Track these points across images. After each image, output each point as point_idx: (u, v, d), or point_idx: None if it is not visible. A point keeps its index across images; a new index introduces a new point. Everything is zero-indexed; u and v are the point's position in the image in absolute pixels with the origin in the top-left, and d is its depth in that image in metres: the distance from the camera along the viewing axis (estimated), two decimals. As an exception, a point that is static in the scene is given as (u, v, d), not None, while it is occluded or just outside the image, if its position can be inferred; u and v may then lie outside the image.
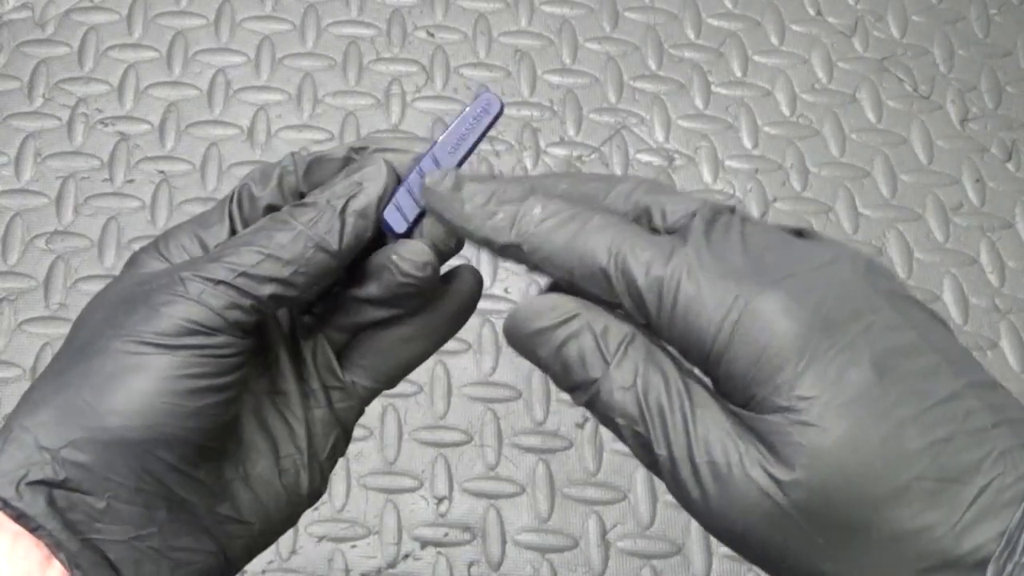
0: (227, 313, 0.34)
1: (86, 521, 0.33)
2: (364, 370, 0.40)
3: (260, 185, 0.38)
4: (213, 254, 0.36)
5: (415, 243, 0.37)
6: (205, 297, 0.34)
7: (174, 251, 0.37)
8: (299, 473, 0.39)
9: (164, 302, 0.34)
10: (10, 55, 0.80)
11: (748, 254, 0.32)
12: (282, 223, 0.36)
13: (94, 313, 0.36)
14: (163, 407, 0.33)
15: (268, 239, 0.35)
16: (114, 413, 0.33)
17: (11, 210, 0.75)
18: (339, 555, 0.66)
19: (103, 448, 0.33)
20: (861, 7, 0.86)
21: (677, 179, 0.78)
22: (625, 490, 0.68)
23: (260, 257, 0.35)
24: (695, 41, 0.84)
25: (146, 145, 0.78)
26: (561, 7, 0.85)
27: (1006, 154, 0.81)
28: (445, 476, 0.68)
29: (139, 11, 0.83)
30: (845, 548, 0.29)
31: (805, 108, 0.82)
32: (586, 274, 0.33)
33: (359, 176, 0.37)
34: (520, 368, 0.71)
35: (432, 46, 0.82)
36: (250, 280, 0.35)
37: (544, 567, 0.66)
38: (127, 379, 0.33)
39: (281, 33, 0.82)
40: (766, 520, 0.30)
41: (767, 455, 0.30)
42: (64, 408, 0.33)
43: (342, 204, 0.36)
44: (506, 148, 0.79)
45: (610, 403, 0.32)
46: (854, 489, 0.29)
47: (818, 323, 0.30)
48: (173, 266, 0.36)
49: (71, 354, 0.35)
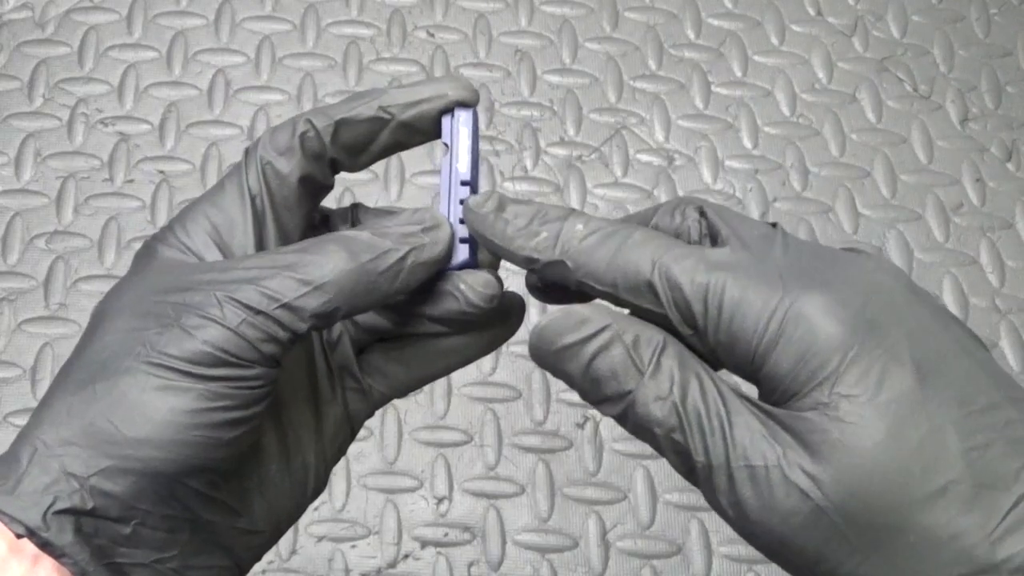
0: (263, 346, 0.33)
1: (110, 546, 0.32)
2: (384, 377, 0.39)
3: (284, 159, 0.36)
4: (246, 270, 0.34)
5: (484, 274, 0.37)
6: (243, 328, 0.32)
7: (195, 239, 0.36)
8: (307, 474, 0.38)
9: (198, 326, 0.32)
10: (10, 55, 0.80)
11: (791, 260, 0.32)
12: (332, 252, 0.34)
13: (118, 318, 0.34)
14: (194, 439, 0.32)
15: (316, 268, 0.33)
16: (145, 443, 0.32)
17: (11, 210, 0.75)
18: (339, 555, 0.66)
19: (133, 478, 0.32)
20: (861, 7, 0.86)
21: (677, 179, 0.78)
22: (625, 490, 0.68)
23: (304, 289, 0.33)
24: (695, 41, 0.84)
25: (146, 145, 0.78)
26: (561, 7, 0.85)
27: (1006, 154, 0.81)
28: (445, 476, 0.68)
29: (139, 11, 0.83)
30: (880, 550, 0.29)
31: (805, 108, 0.82)
32: (631, 287, 0.33)
33: (423, 228, 0.35)
34: (520, 368, 0.71)
35: (432, 46, 0.82)
36: (291, 314, 0.33)
37: (544, 567, 0.66)
38: (158, 407, 0.32)
39: (281, 33, 0.82)
40: (805, 522, 0.30)
41: (805, 455, 0.30)
42: (91, 432, 0.32)
43: (404, 252, 0.35)
44: (506, 148, 0.79)
45: (647, 414, 0.33)
46: (891, 489, 0.29)
47: (862, 324, 0.30)
48: (206, 275, 0.34)
49: (93, 365, 0.33)
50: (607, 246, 0.34)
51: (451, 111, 0.37)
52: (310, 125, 0.36)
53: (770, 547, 0.32)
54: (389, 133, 0.37)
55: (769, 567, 0.67)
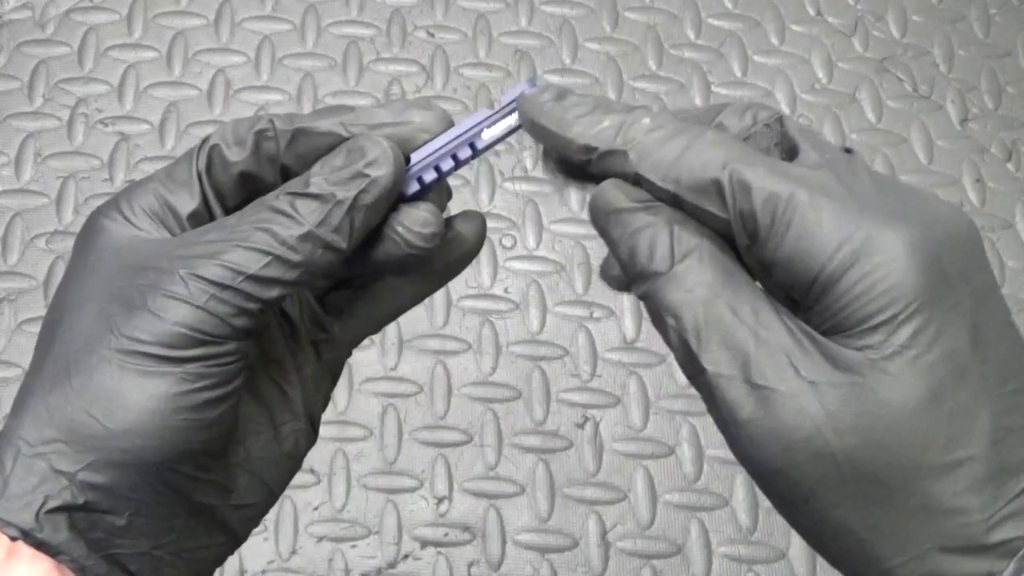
0: (234, 320, 0.32)
1: (107, 538, 0.32)
2: (352, 318, 0.38)
3: (235, 148, 0.35)
4: (208, 245, 0.33)
5: (418, 211, 0.35)
6: (212, 304, 0.32)
7: (139, 215, 0.35)
8: (297, 436, 0.37)
9: (165, 307, 0.32)
10: (10, 55, 0.80)
11: (872, 190, 0.31)
12: (285, 217, 0.33)
13: (84, 306, 0.33)
14: (178, 424, 0.32)
15: (273, 237, 0.33)
16: (129, 434, 0.32)
17: (11, 210, 0.75)
18: (339, 555, 0.66)
19: (122, 469, 0.32)
20: (861, 7, 0.86)
21: (677, 179, 0.78)
22: (625, 490, 0.68)
23: (266, 259, 0.33)
24: (695, 41, 0.84)
25: (146, 145, 0.78)
26: (561, 7, 0.85)
27: (1006, 154, 0.81)
28: (445, 476, 0.68)
29: (139, 11, 0.83)
30: (878, 506, 0.29)
31: (805, 108, 0.82)
32: (695, 185, 0.31)
33: (364, 163, 0.34)
34: (520, 368, 0.71)
35: (432, 46, 0.82)
36: (257, 284, 0.33)
37: (544, 567, 0.66)
38: (137, 396, 0.32)
39: (281, 33, 0.82)
40: (810, 458, 0.29)
41: (834, 392, 0.29)
42: (74, 428, 0.32)
43: (351, 198, 0.34)
44: (506, 148, 0.79)
45: (665, 301, 0.31)
46: (910, 451, 0.28)
47: (935, 274, 0.29)
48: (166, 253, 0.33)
49: (66, 358, 0.33)
50: (675, 142, 0.32)
51: (532, 84, 0.35)
52: (271, 125, 0.35)
53: (762, 473, 0.30)
54: None
55: (769, 567, 0.67)
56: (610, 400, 0.71)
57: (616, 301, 0.74)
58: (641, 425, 0.70)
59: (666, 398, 0.71)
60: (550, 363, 0.72)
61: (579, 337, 0.73)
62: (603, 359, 0.72)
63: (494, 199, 0.77)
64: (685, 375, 0.32)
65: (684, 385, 0.72)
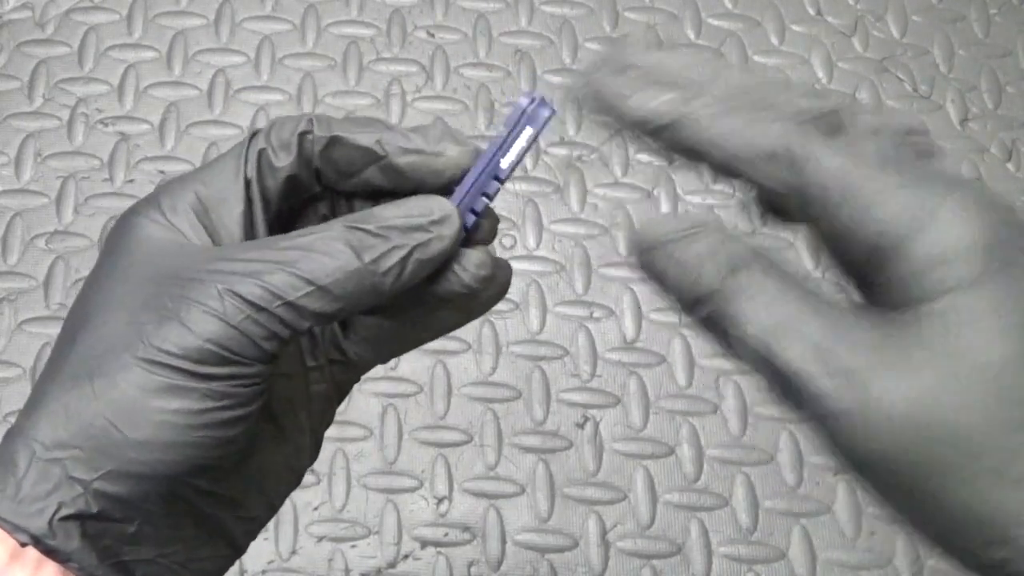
0: (265, 343, 0.32)
1: (116, 546, 0.32)
2: (368, 344, 0.38)
3: (281, 154, 0.35)
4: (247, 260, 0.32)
5: (479, 254, 0.36)
6: (245, 324, 0.31)
7: (181, 215, 0.34)
8: (301, 453, 0.37)
9: (198, 321, 0.31)
10: (10, 55, 0.80)
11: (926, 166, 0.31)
12: (333, 249, 0.33)
13: (113, 309, 0.33)
14: (197, 440, 0.32)
15: (318, 266, 0.32)
16: (147, 446, 0.31)
17: (11, 210, 0.75)
18: (339, 555, 0.66)
19: (137, 480, 0.31)
20: (861, 7, 0.86)
21: (677, 179, 0.78)
22: (625, 490, 0.68)
23: (308, 288, 0.32)
24: (695, 41, 0.84)
25: (146, 145, 0.78)
26: (561, 7, 0.85)
27: (1006, 154, 0.81)
28: (445, 476, 0.68)
29: (139, 11, 0.83)
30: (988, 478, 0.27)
31: (805, 108, 0.82)
32: (757, 153, 0.32)
33: (429, 220, 0.34)
34: (520, 368, 0.71)
35: (432, 46, 0.82)
36: (293, 312, 0.32)
37: (544, 567, 0.66)
38: (159, 408, 0.31)
39: (281, 33, 0.82)
40: (912, 437, 0.28)
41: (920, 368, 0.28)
42: (91, 433, 0.31)
43: (411, 247, 0.33)
44: (506, 148, 0.79)
45: (728, 314, 0.30)
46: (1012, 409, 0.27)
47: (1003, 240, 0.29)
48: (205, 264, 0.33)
49: (88, 359, 0.32)
50: (739, 115, 0.32)
51: (532, 100, 0.35)
52: (311, 127, 0.35)
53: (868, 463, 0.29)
54: (378, 170, 0.36)
55: (769, 567, 0.67)
56: (610, 400, 0.71)
57: (616, 301, 0.74)
58: (641, 425, 0.70)
59: (666, 398, 0.71)
60: (550, 363, 0.72)
61: (579, 337, 0.73)
62: (603, 359, 0.72)
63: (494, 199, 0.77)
64: (768, 383, 0.31)
65: (684, 385, 0.72)
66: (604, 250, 0.76)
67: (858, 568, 0.67)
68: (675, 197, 0.78)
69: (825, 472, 0.69)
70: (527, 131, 0.35)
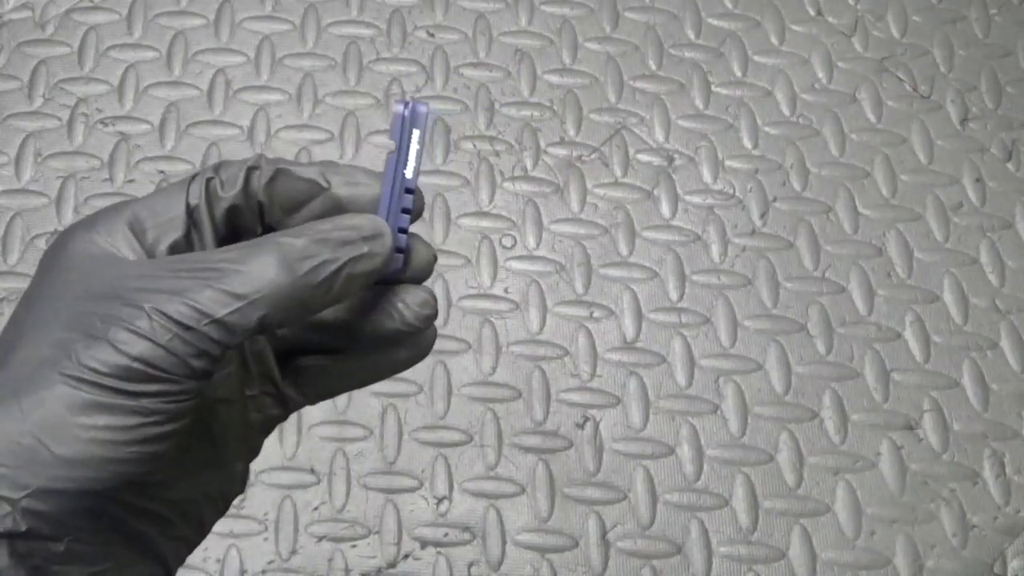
0: (194, 361, 0.32)
1: (44, 565, 0.32)
2: (303, 386, 0.38)
3: (228, 185, 0.35)
4: (176, 277, 0.32)
5: (422, 293, 0.36)
6: (173, 344, 0.31)
7: (118, 235, 0.34)
8: (232, 480, 0.37)
9: (126, 341, 0.31)
10: (10, 55, 0.80)
11: None
12: (264, 262, 0.32)
13: (44, 328, 0.33)
14: (125, 456, 0.31)
15: (247, 280, 0.32)
16: (75, 463, 0.31)
17: (11, 210, 0.75)
18: (339, 555, 0.66)
19: (66, 497, 0.31)
20: (861, 7, 0.86)
21: (677, 179, 0.78)
22: (625, 490, 0.68)
23: (236, 304, 0.32)
24: (695, 41, 0.84)
25: (146, 145, 0.78)
26: (561, 7, 0.85)
27: (1006, 154, 0.81)
28: (445, 476, 0.68)
29: (139, 11, 0.83)
30: None
31: (805, 108, 0.82)
32: None
33: (360, 235, 0.34)
34: (520, 368, 0.71)
35: (432, 46, 0.82)
36: (223, 329, 0.32)
37: (544, 567, 0.66)
38: (87, 425, 0.31)
39: (281, 33, 0.82)
40: None
41: None
42: (19, 452, 0.31)
43: (341, 263, 0.33)
44: (506, 148, 0.79)
45: None
46: None
47: None
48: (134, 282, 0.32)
49: (15, 378, 0.32)
50: None
51: (406, 104, 0.35)
52: (259, 163, 0.36)
53: None
54: (321, 202, 0.36)
55: (769, 567, 0.67)
56: (610, 400, 0.71)
57: (616, 301, 0.74)
58: (641, 425, 0.70)
59: (666, 398, 0.71)
60: (550, 363, 0.72)
61: (579, 337, 0.73)
62: (603, 359, 0.72)
63: (494, 199, 0.77)
64: None
65: (684, 385, 0.72)
66: (604, 250, 0.76)
67: (858, 568, 0.67)
68: (675, 197, 0.78)
69: (825, 472, 0.69)
70: (415, 134, 0.36)
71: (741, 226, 0.77)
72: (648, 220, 0.77)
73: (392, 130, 0.36)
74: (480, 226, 0.76)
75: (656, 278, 0.75)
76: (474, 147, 0.78)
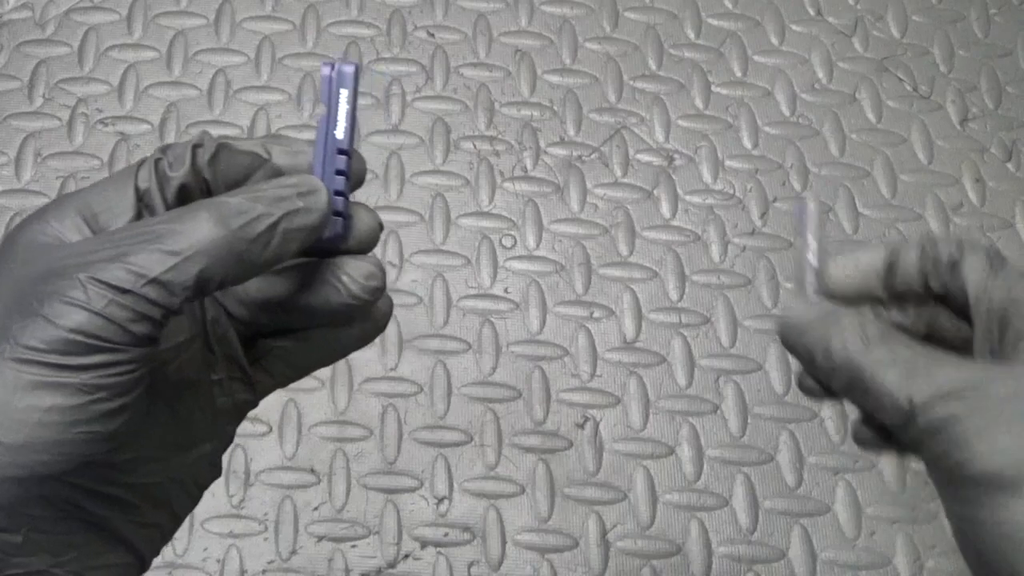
0: (134, 326, 0.31)
1: (3, 558, 0.31)
2: (265, 371, 0.38)
3: (175, 165, 0.35)
4: (113, 246, 0.31)
5: (367, 264, 0.36)
6: (110, 310, 0.30)
7: (65, 222, 0.34)
8: (202, 465, 0.37)
9: (61, 313, 0.30)
10: (10, 55, 0.80)
11: None
12: (201, 219, 0.32)
13: None
14: (75, 437, 0.30)
15: (184, 237, 0.31)
16: (24, 449, 0.30)
17: (11, 210, 0.75)
18: (339, 555, 0.66)
19: (18, 485, 0.30)
20: (861, 7, 0.86)
21: (677, 179, 0.78)
22: (625, 490, 0.68)
23: (172, 261, 0.31)
24: (695, 41, 0.84)
25: (146, 145, 0.78)
26: (561, 7, 0.85)
27: (1006, 154, 0.81)
28: (445, 476, 0.68)
29: (139, 11, 0.83)
30: None
31: (805, 108, 0.82)
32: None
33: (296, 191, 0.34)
34: (520, 368, 0.71)
35: (432, 46, 0.82)
36: (161, 289, 0.31)
37: (544, 567, 0.66)
38: (32, 408, 0.30)
39: (281, 33, 0.82)
40: None
41: None
42: None
43: (277, 216, 0.33)
44: (506, 148, 0.79)
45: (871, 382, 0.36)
46: None
47: None
48: (70, 258, 0.32)
49: None
50: None
51: (332, 66, 0.35)
52: (202, 139, 0.36)
53: None
54: (263, 173, 0.36)
55: (769, 567, 0.67)
56: (610, 400, 0.71)
57: (616, 301, 0.74)
58: (641, 425, 0.70)
59: (666, 398, 0.71)
60: (550, 363, 0.72)
61: (579, 337, 0.73)
62: (603, 359, 0.72)
63: (494, 199, 0.77)
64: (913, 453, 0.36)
65: (684, 385, 0.72)
66: (604, 250, 0.76)
67: (858, 568, 0.67)
68: (675, 197, 0.78)
69: (825, 472, 0.69)
70: (343, 93, 0.35)
71: (741, 226, 0.77)
72: (648, 220, 0.77)
73: (320, 92, 0.36)
74: (480, 226, 0.76)
75: (656, 278, 0.75)
76: (474, 147, 0.78)
